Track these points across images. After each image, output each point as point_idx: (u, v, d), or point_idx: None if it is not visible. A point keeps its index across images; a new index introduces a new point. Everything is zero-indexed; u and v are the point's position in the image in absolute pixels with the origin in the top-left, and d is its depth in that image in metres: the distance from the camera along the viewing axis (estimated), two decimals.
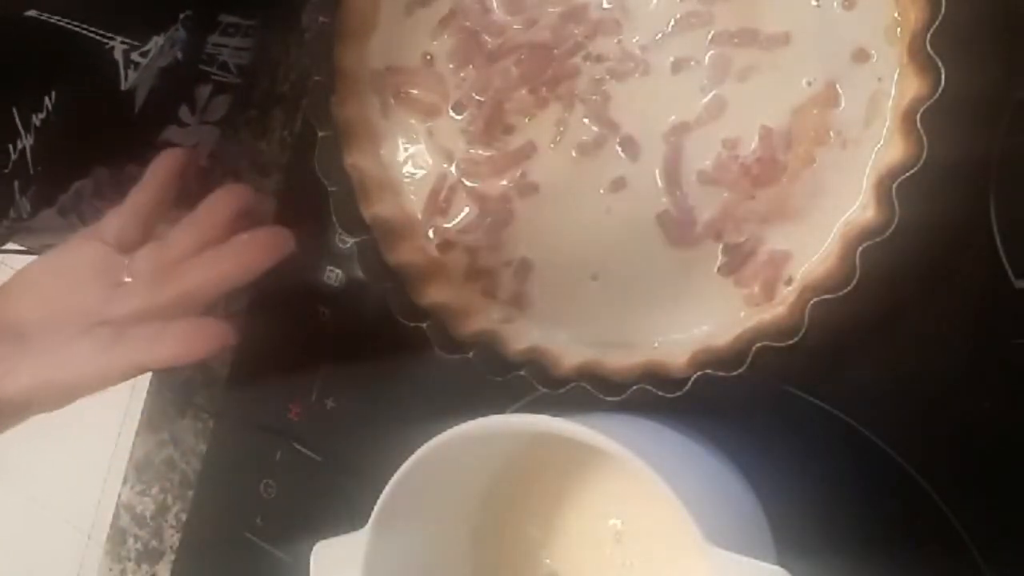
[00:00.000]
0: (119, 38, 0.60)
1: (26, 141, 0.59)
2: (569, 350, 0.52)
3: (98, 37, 0.60)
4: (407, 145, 0.57)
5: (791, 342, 0.45)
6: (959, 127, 0.44)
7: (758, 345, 0.46)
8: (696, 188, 0.51)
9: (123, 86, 0.63)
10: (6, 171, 0.59)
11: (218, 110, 0.72)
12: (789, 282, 0.48)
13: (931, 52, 0.43)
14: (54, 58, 0.59)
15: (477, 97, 0.56)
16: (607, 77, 0.53)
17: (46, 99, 0.59)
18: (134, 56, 0.62)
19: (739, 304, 0.49)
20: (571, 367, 0.51)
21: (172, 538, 0.70)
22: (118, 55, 0.61)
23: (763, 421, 0.51)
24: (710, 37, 0.51)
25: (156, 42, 0.63)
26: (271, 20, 0.70)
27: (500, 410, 0.52)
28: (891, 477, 0.48)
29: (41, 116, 0.59)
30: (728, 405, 0.49)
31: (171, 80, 0.67)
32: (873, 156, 0.47)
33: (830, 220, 0.48)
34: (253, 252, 0.57)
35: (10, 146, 0.59)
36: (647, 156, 0.52)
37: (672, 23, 0.52)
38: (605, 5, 0.53)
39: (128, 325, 0.56)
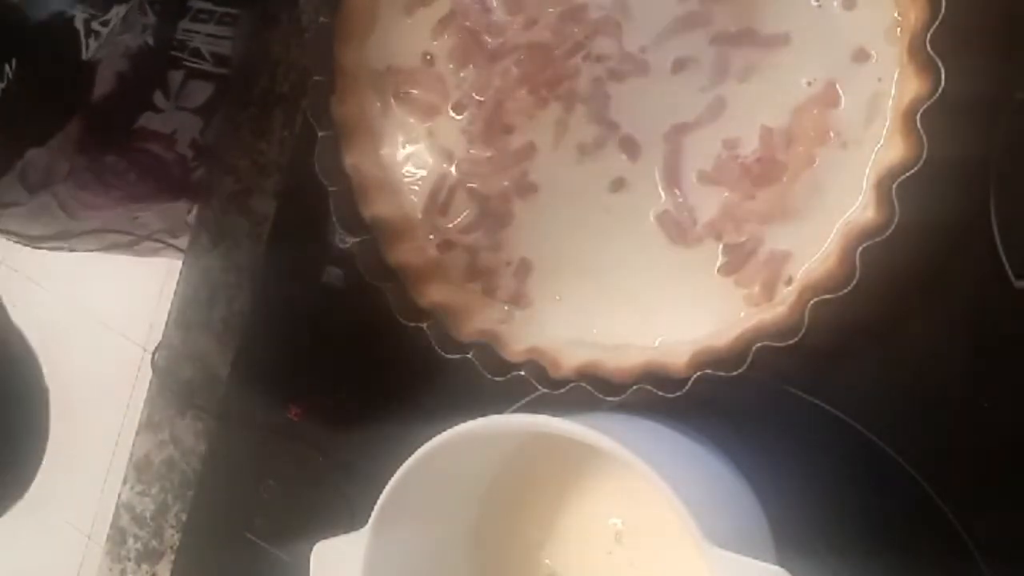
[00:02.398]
0: (80, 7, 0.60)
1: None
2: (569, 350, 0.52)
3: (59, 6, 0.60)
4: (407, 145, 0.57)
5: (791, 342, 0.45)
6: (959, 127, 0.45)
7: (758, 345, 0.46)
8: (696, 188, 0.51)
9: (84, 55, 0.63)
10: None
11: (194, 97, 0.72)
12: (789, 282, 0.48)
13: (931, 52, 0.43)
14: (15, 26, 0.59)
15: (477, 97, 0.56)
16: (607, 77, 0.53)
17: (6, 67, 0.58)
18: (95, 25, 0.63)
19: (739, 304, 0.49)
20: (571, 367, 0.51)
21: (172, 538, 0.70)
22: (79, 24, 0.62)
23: (763, 421, 0.51)
24: (710, 37, 0.51)
25: (117, 12, 0.63)
26: (250, 10, 0.71)
27: (500, 410, 0.52)
28: (891, 477, 0.48)
29: (1, 86, 0.58)
30: (728, 405, 0.49)
31: (142, 65, 0.67)
32: (873, 156, 0.47)
33: (830, 220, 0.48)
34: None
35: None
36: (647, 156, 0.52)
37: (672, 23, 0.52)
38: (605, 5, 0.53)
39: None
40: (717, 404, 0.48)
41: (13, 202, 0.67)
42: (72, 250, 0.81)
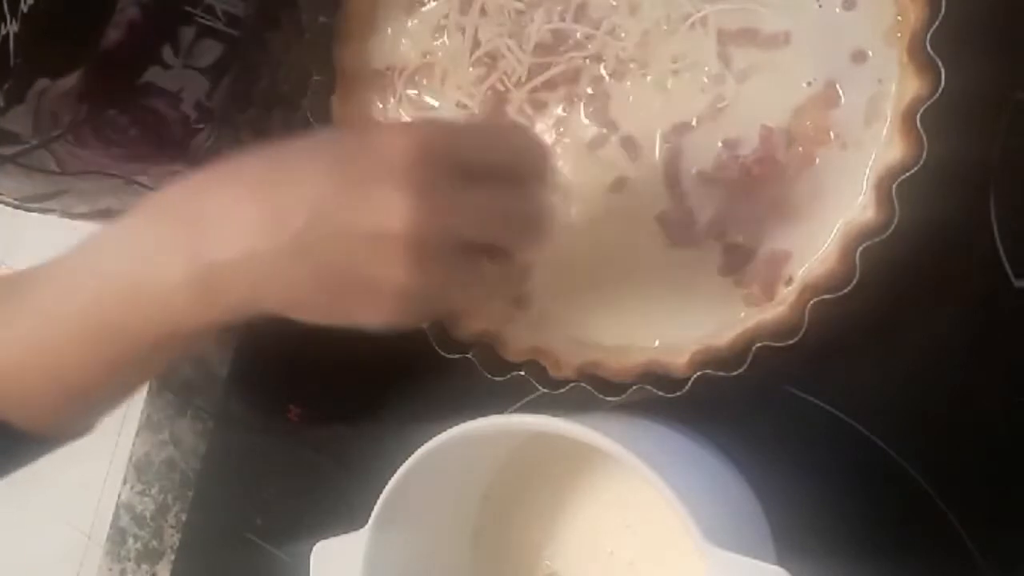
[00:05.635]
0: None
1: (11, 27, 0.55)
2: (569, 350, 0.52)
3: None
4: None
5: (791, 342, 0.45)
6: (959, 127, 0.44)
7: (758, 345, 0.46)
8: (696, 188, 0.51)
9: None
10: None
11: (204, 56, 0.71)
12: (789, 282, 0.48)
13: (931, 52, 0.43)
14: None
15: (477, 97, 0.56)
16: (607, 77, 0.53)
17: None
18: None
19: (739, 304, 0.49)
20: (571, 367, 0.51)
21: (172, 538, 0.70)
22: None
23: (763, 421, 0.51)
24: (710, 37, 0.51)
25: None
26: None
27: (500, 410, 0.52)
28: (891, 477, 0.48)
29: (29, 2, 0.55)
30: (728, 405, 0.49)
31: (155, 16, 0.65)
32: (873, 156, 0.47)
33: (830, 220, 0.48)
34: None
35: None
36: (647, 156, 0.52)
37: (672, 23, 0.52)
38: (606, 5, 0.53)
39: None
40: (717, 404, 0.48)
41: (18, 137, 0.65)
42: (64, 213, 0.80)
